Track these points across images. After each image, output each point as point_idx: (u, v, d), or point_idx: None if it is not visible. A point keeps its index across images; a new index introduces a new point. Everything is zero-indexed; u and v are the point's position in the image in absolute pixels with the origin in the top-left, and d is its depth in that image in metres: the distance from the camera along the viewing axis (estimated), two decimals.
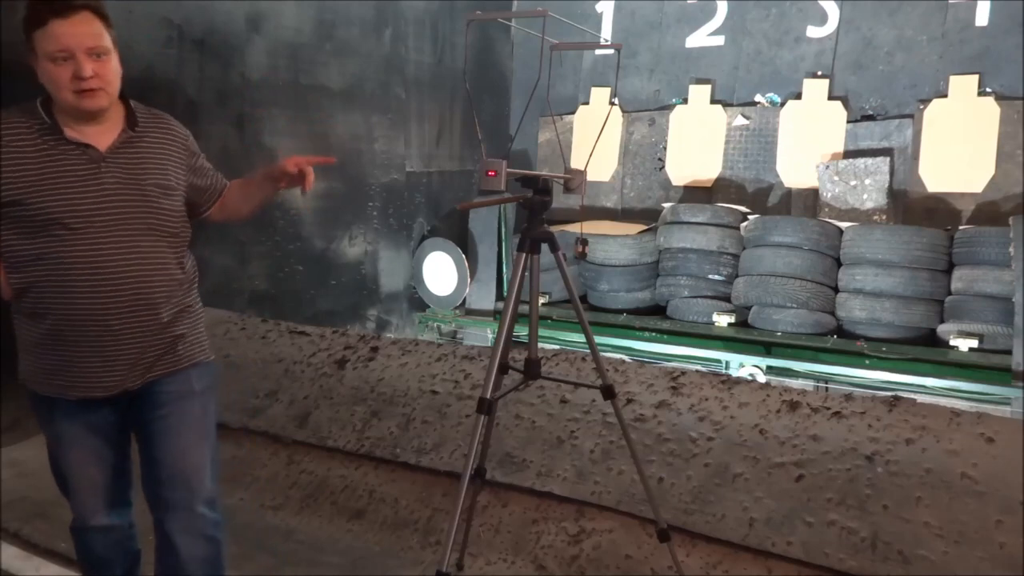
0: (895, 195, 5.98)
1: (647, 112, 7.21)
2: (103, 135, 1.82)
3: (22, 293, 1.82)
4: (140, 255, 1.84)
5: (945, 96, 5.92)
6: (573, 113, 7.45)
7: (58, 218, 1.75)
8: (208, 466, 1.95)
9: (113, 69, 1.80)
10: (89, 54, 1.74)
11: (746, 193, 6.69)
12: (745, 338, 5.50)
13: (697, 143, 6.90)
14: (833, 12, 6.44)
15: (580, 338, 5.35)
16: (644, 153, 7.23)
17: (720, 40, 6.92)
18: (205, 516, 1.91)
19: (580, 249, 2.48)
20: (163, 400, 1.93)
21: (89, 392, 1.86)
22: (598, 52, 7.43)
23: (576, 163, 6.91)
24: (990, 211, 5.67)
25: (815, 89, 6.43)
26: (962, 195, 5.83)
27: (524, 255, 2.10)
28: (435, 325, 6.75)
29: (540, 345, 2.29)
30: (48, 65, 1.74)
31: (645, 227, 6.37)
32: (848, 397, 2.64)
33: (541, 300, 3.66)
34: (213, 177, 2.10)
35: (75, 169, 1.78)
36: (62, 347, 1.82)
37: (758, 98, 6.72)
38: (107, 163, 1.80)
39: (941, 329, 5.11)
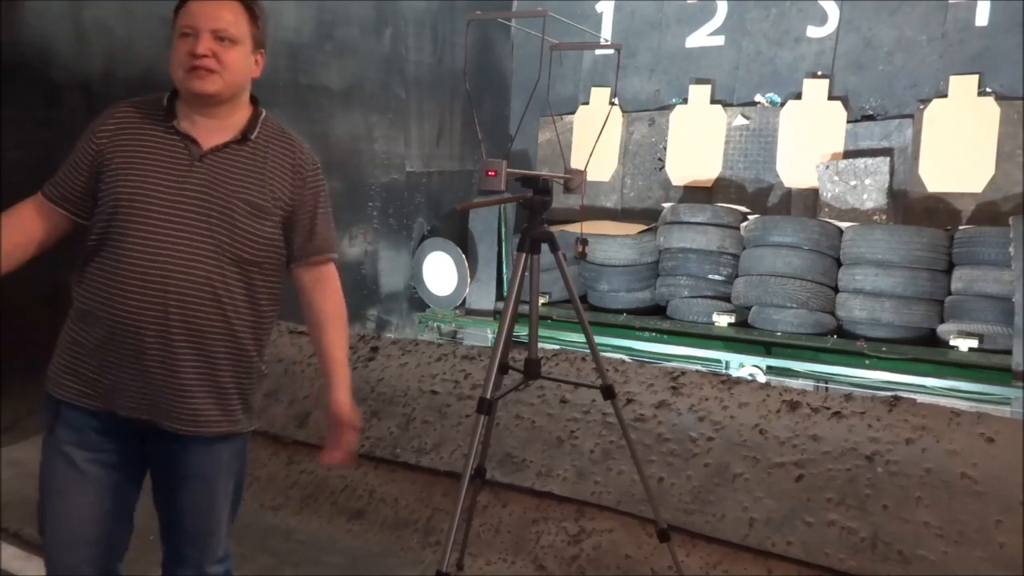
0: (895, 195, 5.98)
1: (647, 112, 7.21)
2: (213, 135, 1.65)
3: (82, 280, 1.64)
4: (196, 273, 1.60)
5: (945, 96, 5.91)
6: (573, 113, 7.45)
7: (130, 202, 1.58)
8: (227, 524, 1.78)
9: (238, 59, 1.65)
10: (214, 35, 1.60)
11: (746, 193, 6.68)
12: (745, 338, 5.50)
13: (697, 143, 6.90)
14: (833, 12, 6.44)
15: (580, 338, 5.35)
16: (644, 153, 7.22)
17: (720, 40, 6.92)
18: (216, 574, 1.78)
19: (580, 249, 2.49)
20: (190, 470, 1.70)
21: (120, 409, 1.63)
22: (598, 52, 7.42)
23: (576, 163, 6.90)
24: (990, 211, 5.67)
25: (815, 89, 6.43)
26: (962, 195, 5.83)
27: (524, 255, 2.10)
28: (435, 325, 6.75)
29: (540, 345, 2.29)
30: (175, 41, 1.63)
31: (645, 227, 6.37)
32: (848, 397, 2.64)
33: (541, 300, 3.66)
34: (312, 233, 1.76)
35: (168, 158, 1.61)
36: (101, 355, 1.61)
37: (758, 98, 6.72)
38: (202, 163, 1.62)
39: (941, 329, 5.11)
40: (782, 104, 6.57)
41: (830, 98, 6.37)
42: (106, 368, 1.61)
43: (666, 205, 6.37)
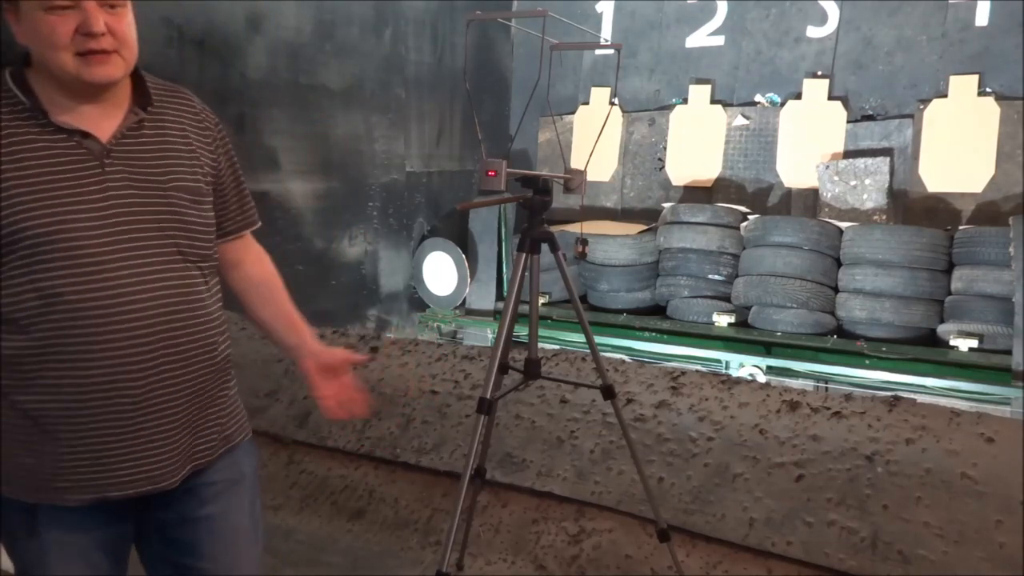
0: (895, 195, 5.98)
1: (647, 112, 7.21)
2: (104, 119, 1.30)
3: (13, 364, 1.26)
4: (167, 288, 1.32)
5: (945, 96, 5.91)
6: (573, 113, 7.45)
7: (49, 241, 1.22)
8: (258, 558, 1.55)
9: (131, 26, 1.28)
10: (101, 3, 1.23)
11: (746, 193, 6.68)
12: (745, 338, 5.50)
13: (697, 143, 6.90)
14: (833, 12, 6.44)
15: (580, 338, 5.35)
16: (644, 153, 7.22)
17: (720, 40, 6.92)
18: None
19: (580, 249, 2.48)
20: (209, 494, 1.43)
21: (112, 490, 1.31)
22: (598, 52, 7.42)
23: (576, 163, 6.90)
24: (990, 211, 5.67)
25: (815, 89, 6.43)
26: (962, 195, 5.83)
27: (524, 255, 2.10)
28: (435, 325, 6.75)
29: (540, 345, 2.29)
30: (39, 16, 1.20)
31: (645, 227, 6.37)
32: (848, 397, 2.64)
33: (541, 300, 3.66)
34: (241, 201, 1.52)
35: (67, 169, 1.25)
36: (69, 432, 1.27)
37: (758, 98, 6.72)
38: (112, 159, 1.28)
39: (941, 329, 5.11)
40: (782, 104, 6.58)
41: (830, 98, 6.37)
42: (81, 449, 1.28)
43: (666, 205, 6.37)
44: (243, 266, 1.57)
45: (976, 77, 5.80)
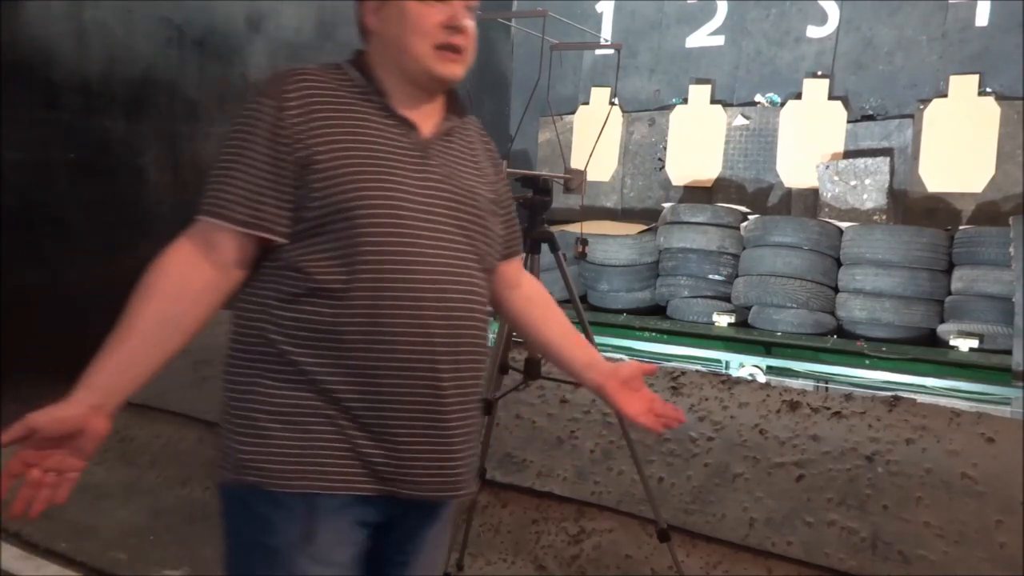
0: (895, 195, 5.98)
1: (647, 112, 7.21)
2: (426, 117, 1.31)
3: (320, 334, 1.20)
4: (471, 289, 1.28)
5: (945, 96, 5.91)
6: (573, 113, 7.45)
7: (382, 216, 1.19)
8: None
9: (475, 29, 1.30)
10: (467, 4, 1.27)
11: (746, 193, 6.68)
12: (745, 338, 5.49)
13: (697, 143, 6.90)
14: (833, 12, 6.44)
15: None
16: (644, 153, 7.22)
17: (720, 40, 6.92)
18: None
19: (580, 249, 2.49)
20: (422, 533, 1.33)
21: (408, 488, 1.23)
22: (598, 52, 7.42)
23: (576, 163, 6.91)
24: (990, 211, 5.67)
25: (815, 89, 6.43)
26: (962, 195, 5.83)
27: (524, 255, 2.10)
28: None
29: None
30: (410, 5, 1.23)
31: (645, 227, 6.37)
32: (848, 397, 2.64)
33: None
34: (515, 228, 1.49)
35: (400, 153, 1.24)
36: (374, 419, 1.20)
37: (758, 98, 6.72)
38: (431, 152, 1.28)
39: (941, 329, 5.11)
40: (782, 104, 6.57)
41: (830, 98, 6.37)
42: (374, 438, 1.21)
43: (666, 205, 6.37)
44: (522, 287, 1.53)
45: (976, 77, 5.80)
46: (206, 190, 1.21)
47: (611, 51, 7.12)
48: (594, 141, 2.71)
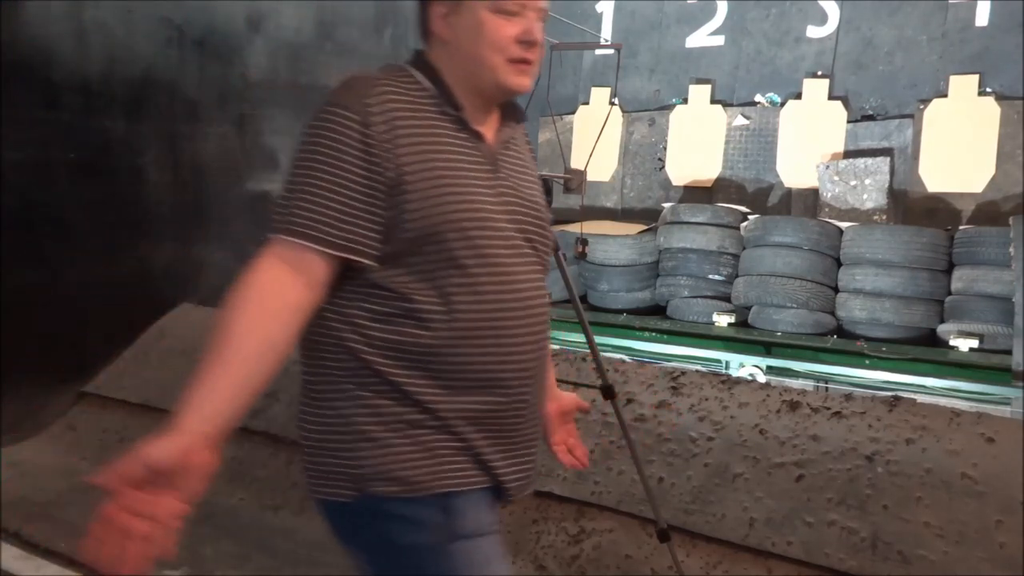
0: (895, 195, 5.98)
1: (647, 112, 7.21)
2: (489, 127, 1.32)
3: (416, 358, 1.22)
4: (542, 297, 1.33)
5: (945, 96, 5.91)
6: (573, 113, 7.45)
7: (471, 238, 1.22)
8: None
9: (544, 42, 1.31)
10: (540, 17, 1.27)
11: (746, 193, 6.68)
12: (745, 338, 5.49)
13: (697, 143, 6.90)
14: (833, 12, 6.44)
15: (580, 338, 5.34)
16: (644, 153, 7.22)
17: (720, 40, 6.92)
18: None
19: (580, 249, 2.49)
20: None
21: (511, 481, 1.32)
22: (598, 52, 7.42)
23: (576, 163, 6.91)
24: (990, 211, 5.67)
25: (815, 89, 6.43)
26: (962, 195, 5.83)
27: None
28: None
29: None
30: (485, 16, 1.23)
31: (645, 227, 6.37)
32: (848, 397, 2.64)
33: None
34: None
35: (476, 168, 1.26)
36: (464, 422, 1.25)
37: (758, 98, 6.72)
38: (499, 164, 1.30)
39: (941, 329, 5.11)
40: (782, 104, 6.57)
41: (830, 98, 6.37)
42: (487, 440, 1.28)
43: (666, 205, 6.37)
44: None
45: (976, 77, 5.80)
46: (289, 206, 1.18)
47: (611, 51, 7.12)
48: (594, 141, 2.71)
